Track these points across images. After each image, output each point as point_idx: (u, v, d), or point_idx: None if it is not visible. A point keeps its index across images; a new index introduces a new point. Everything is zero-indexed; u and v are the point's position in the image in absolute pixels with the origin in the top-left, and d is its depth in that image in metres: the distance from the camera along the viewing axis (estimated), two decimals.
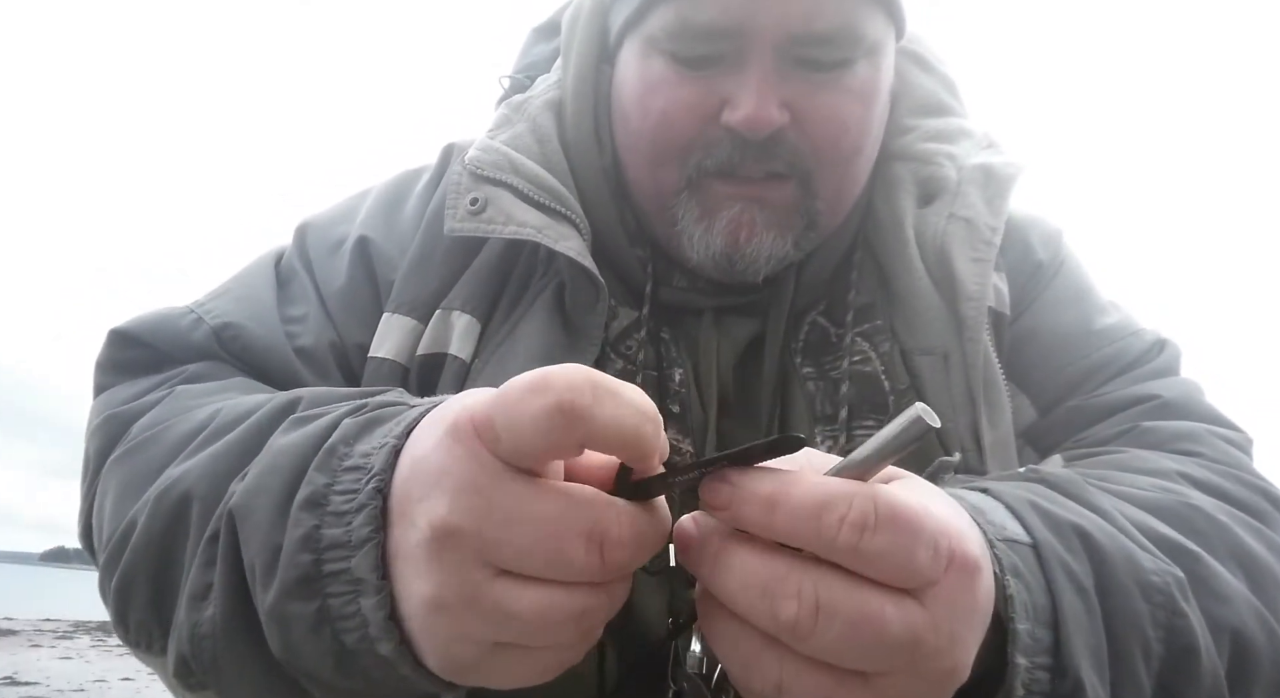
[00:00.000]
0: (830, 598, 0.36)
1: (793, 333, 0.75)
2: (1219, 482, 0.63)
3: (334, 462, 0.44)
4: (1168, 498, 0.58)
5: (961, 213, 0.74)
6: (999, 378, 0.72)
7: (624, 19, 0.74)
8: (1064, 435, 0.73)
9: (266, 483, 0.46)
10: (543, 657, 0.40)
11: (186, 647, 0.48)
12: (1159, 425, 0.69)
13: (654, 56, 0.71)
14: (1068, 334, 0.77)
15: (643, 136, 0.72)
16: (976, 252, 0.73)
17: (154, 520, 0.53)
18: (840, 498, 0.36)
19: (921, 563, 0.37)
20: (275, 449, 0.48)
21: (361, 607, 0.41)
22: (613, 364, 0.73)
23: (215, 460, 0.53)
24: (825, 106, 0.69)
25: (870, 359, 0.73)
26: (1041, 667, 0.44)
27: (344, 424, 0.47)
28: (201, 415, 0.60)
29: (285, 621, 0.43)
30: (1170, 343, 0.78)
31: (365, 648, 0.42)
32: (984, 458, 0.68)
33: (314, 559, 0.42)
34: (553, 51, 0.85)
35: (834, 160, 0.71)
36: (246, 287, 0.78)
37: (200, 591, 0.48)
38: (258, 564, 0.45)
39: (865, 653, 0.37)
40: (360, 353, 0.73)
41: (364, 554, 0.41)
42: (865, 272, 0.77)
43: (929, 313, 0.73)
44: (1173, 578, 0.49)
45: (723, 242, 0.70)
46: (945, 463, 0.59)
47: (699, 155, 0.70)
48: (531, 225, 0.71)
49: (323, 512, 0.43)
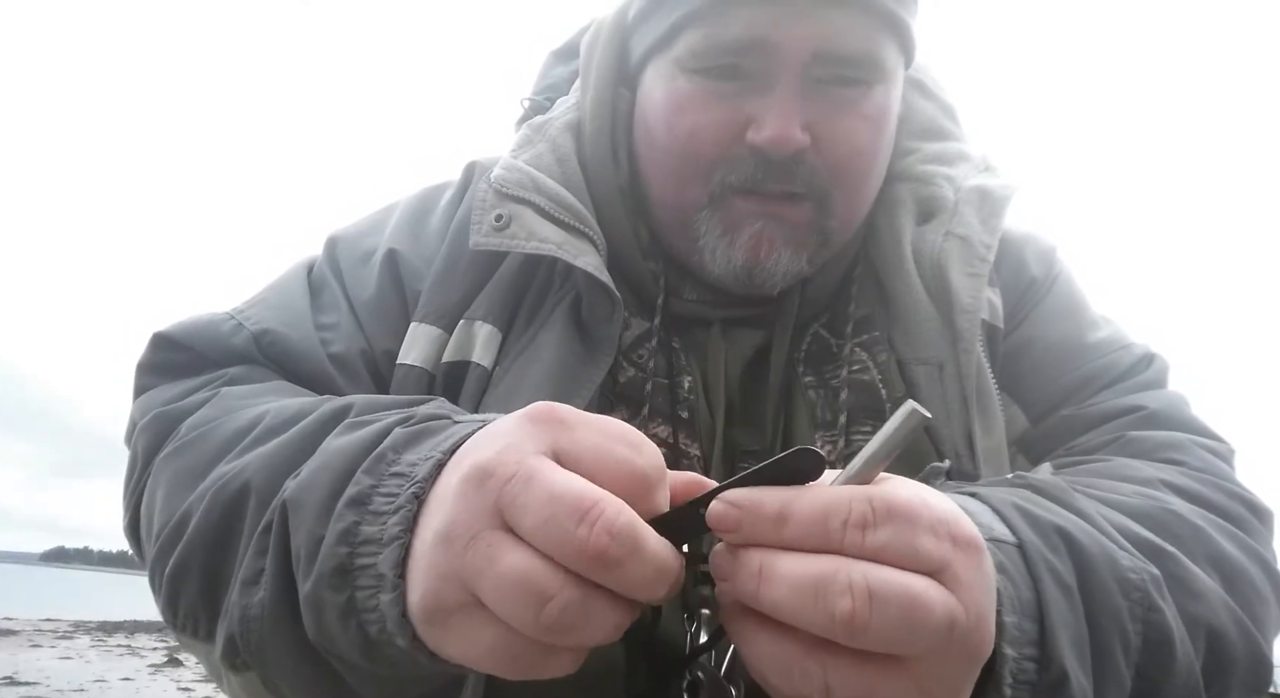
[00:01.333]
0: (881, 586, 0.39)
1: (796, 344, 0.78)
2: (1199, 489, 0.66)
3: (381, 467, 0.48)
4: (1148, 504, 0.62)
5: (958, 231, 0.78)
6: (991, 387, 0.75)
7: (650, 43, 0.77)
8: (1055, 444, 0.76)
9: (318, 479, 0.50)
10: (502, 635, 0.41)
11: (237, 628, 0.52)
12: (1145, 435, 0.73)
13: (681, 77, 0.74)
14: (1060, 347, 0.80)
15: (670, 154, 0.75)
16: (971, 267, 0.76)
17: (211, 512, 0.56)
18: (840, 503, 0.40)
19: (927, 547, 0.40)
20: (329, 450, 0.52)
21: (380, 602, 0.45)
22: (625, 371, 0.76)
23: (273, 457, 0.56)
24: (843, 130, 0.72)
25: (869, 368, 0.76)
26: (1028, 657, 0.46)
27: (395, 433, 0.51)
28: (250, 415, 0.64)
29: (320, 607, 0.47)
30: (1159, 357, 0.82)
31: (386, 640, 0.45)
32: (977, 463, 0.71)
33: (349, 552, 0.46)
34: (571, 73, 0.89)
35: (848, 182, 0.74)
36: (282, 295, 0.81)
37: (253, 576, 0.52)
38: (302, 553, 0.48)
39: (915, 636, 0.39)
40: (388, 359, 0.76)
41: (390, 551, 0.44)
42: (865, 286, 0.80)
43: (925, 325, 0.76)
44: (1149, 576, 0.52)
45: (744, 256, 0.73)
46: (936, 469, 0.62)
47: (723, 172, 0.73)
48: (552, 241, 0.74)
49: (364, 510, 0.47)
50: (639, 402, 0.74)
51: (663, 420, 0.74)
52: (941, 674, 0.41)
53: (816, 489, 0.41)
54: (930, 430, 0.72)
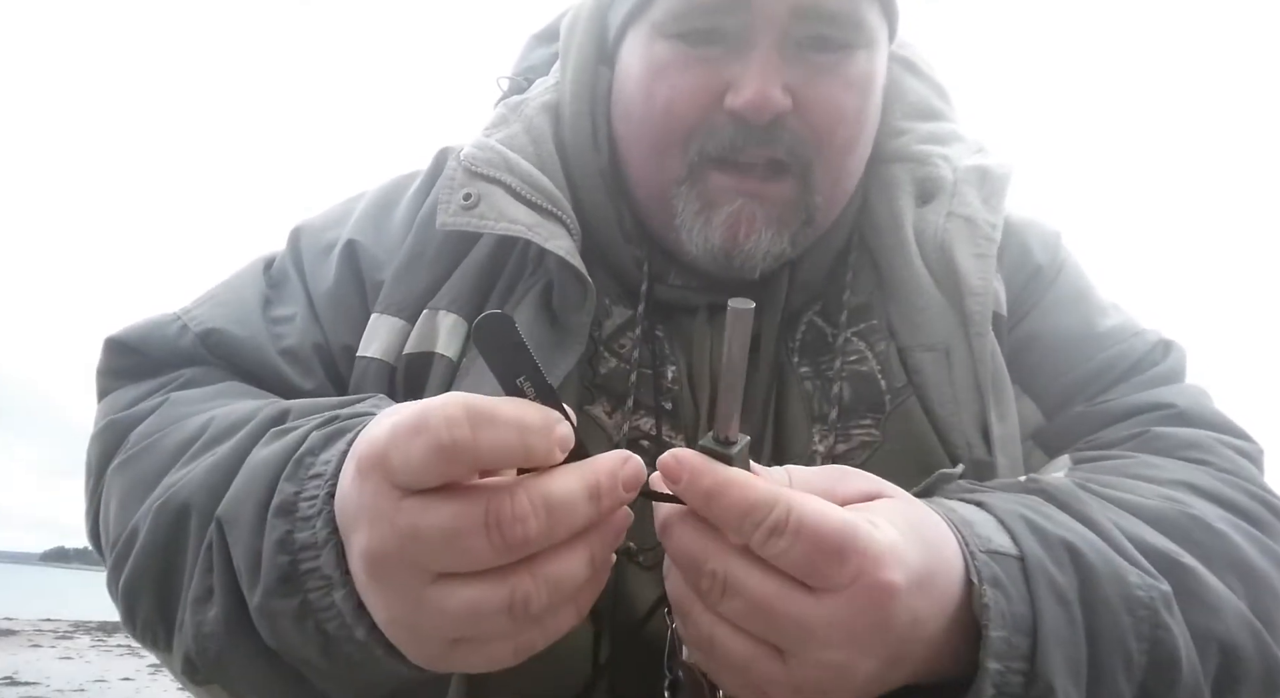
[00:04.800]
0: (736, 579, 0.44)
1: (789, 333, 0.76)
2: (1224, 491, 0.64)
3: (300, 471, 0.50)
4: (1169, 507, 0.60)
5: (960, 211, 0.75)
6: (1004, 373, 0.73)
7: (626, 11, 0.76)
8: (1073, 438, 0.74)
9: (246, 493, 0.51)
10: (497, 647, 0.44)
11: (192, 645, 0.52)
12: (1170, 432, 0.70)
13: (659, 42, 0.72)
14: (1071, 337, 0.78)
15: (646, 124, 0.73)
16: (978, 248, 0.73)
17: (156, 531, 0.56)
18: (763, 505, 0.43)
19: (819, 569, 0.43)
20: (254, 463, 0.53)
21: (335, 599, 0.47)
22: (606, 362, 0.73)
23: (210, 473, 0.56)
24: (825, 94, 0.70)
25: (867, 358, 0.74)
26: (1016, 671, 0.47)
27: (311, 437, 0.52)
28: (195, 424, 0.63)
29: (272, 616, 0.48)
30: (1175, 345, 0.79)
31: (345, 635, 0.47)
32: (993, 451, 0.69)
33: (290, 560, 0.47)
34: (551, 55, 0.86)
35: (832, 151, 0.72)
36: (232, 291, 0.80)
37: (203, 594, 0.52)
38: (243, 567, 0.50)
39: (765, 628, 0.44)
40: (347, 354, 0.74)
41: (326, 553, 0.46)
42: (861, 272, 0.78)
43: (930, 310, 0.73)
44: (1158, 592, 0.52)
45: (721, 237, 0.71)
46: (945, 474, 0.61)
47: (700, 141, 0.70)
48: (522, 222, 0.71)
49: (293, 517, 0.48)
50: (622, 394, 0.72)
51: (646, 412, 0.72)
52: (813, 677, 0.45)
53: (752, 483, 0.44)
54: (936, 420, 0.70)
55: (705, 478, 0.44)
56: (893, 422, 0.71)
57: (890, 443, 0.70)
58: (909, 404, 0.71)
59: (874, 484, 0.50)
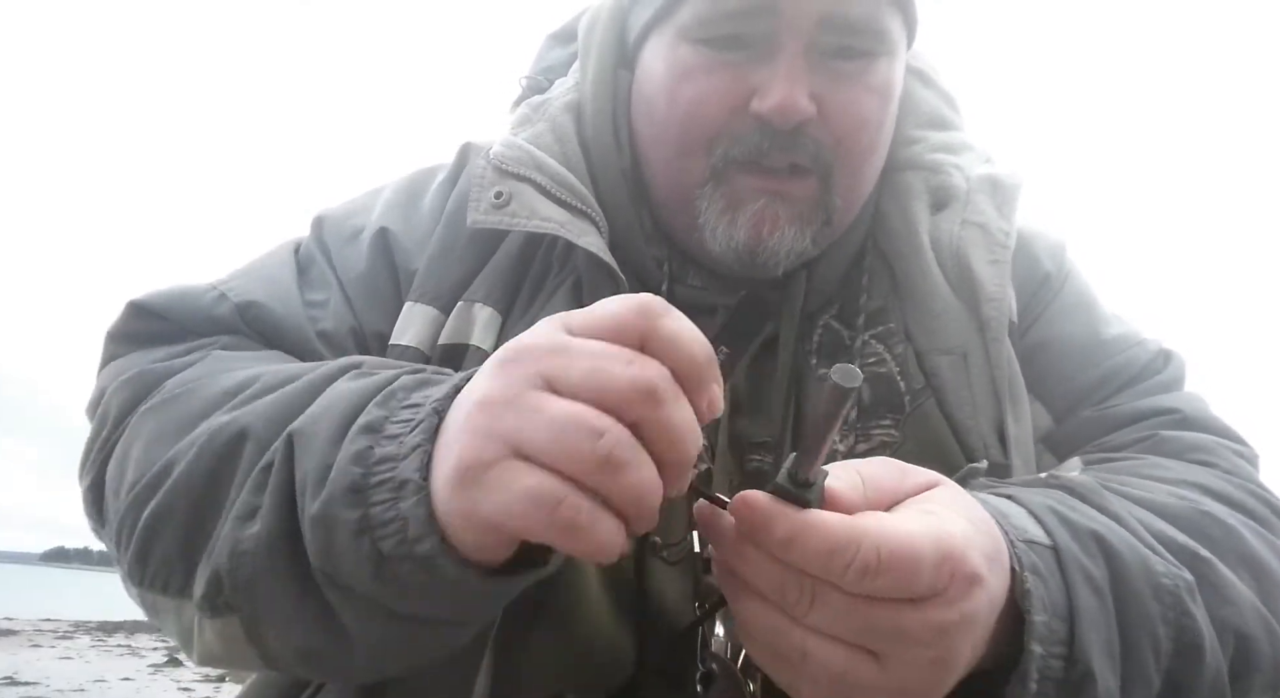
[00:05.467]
0: (826, 592, 0.44)
1: (806, 335, 0.77)
2: (1232, 491, 0.67)
3: (392, 402, 0.50)
4: (1182, 504, 0.62)
5: (974, 219, 0.77)
6: (1019, 377, 0.74)
7: (650, 15, 0.76)
8: (1082, 442, 0.76)
9: (327, 413, 0.51)
10: (548, 481, 0.41)
11: (225, 562, 0.51)
12: (1176, 436, 0.73)
13: (684, 46, 0.72)
14: (1078, 344, 0.80)
15: (670, 126, 0.74)
16: (993, 255, 0.75)
17: (201, 459, 0.55)
18: (847, 547, 0.43)
19: (921, 587, 0.43)
20: (337, 392, 0.53)
21: (401, 510, 0.45)
22: None
23: (275, 406, 0.56)
24: (848, 101, 0.71)
25: (885, 361, 0.75)
26: (1056, 655, 0.49)
27: (402, 378, 0.52)
28: (242, 376, 0.62)
29: (331, 525, 0.47)
30: (1175, 354, 0.82)
31: (403, 552, 0.45)
32: (1009, 453, 0.70)
33: (363, 472, 0.47)
34: (569, 56, 0.87)
35: (853, 156, 0.73)
36: (268, 269, 0.79)
37: (247, 512, 0.51)
38: (310, 478, 0.48)
39: (860, 633, 0.44)
40: (379, 341, 0.74)
41: (412, 458, 0.46)
42: (876, 276, 0.79)
43: (947, 314, 0.74)
44: (1183, 582, 0.54)
45: (745, 234, 0.72)
46: (974, 469, 0.64)
47: (725, 145, 0.71)
48: (555, 220, 0.72)
49: (378, 436, 0.48)
50: None
51: None
52: (909, 676, 0.45)
53: (827, 524, 0.43)
54: (954, 422, 0.71)
55: (780, 525, 0.44)
56: (911, 422, 0.72)
57: (909, 443, 0.71)
58: (927, 406, 0.72)
59: (930, 474, 0.51)
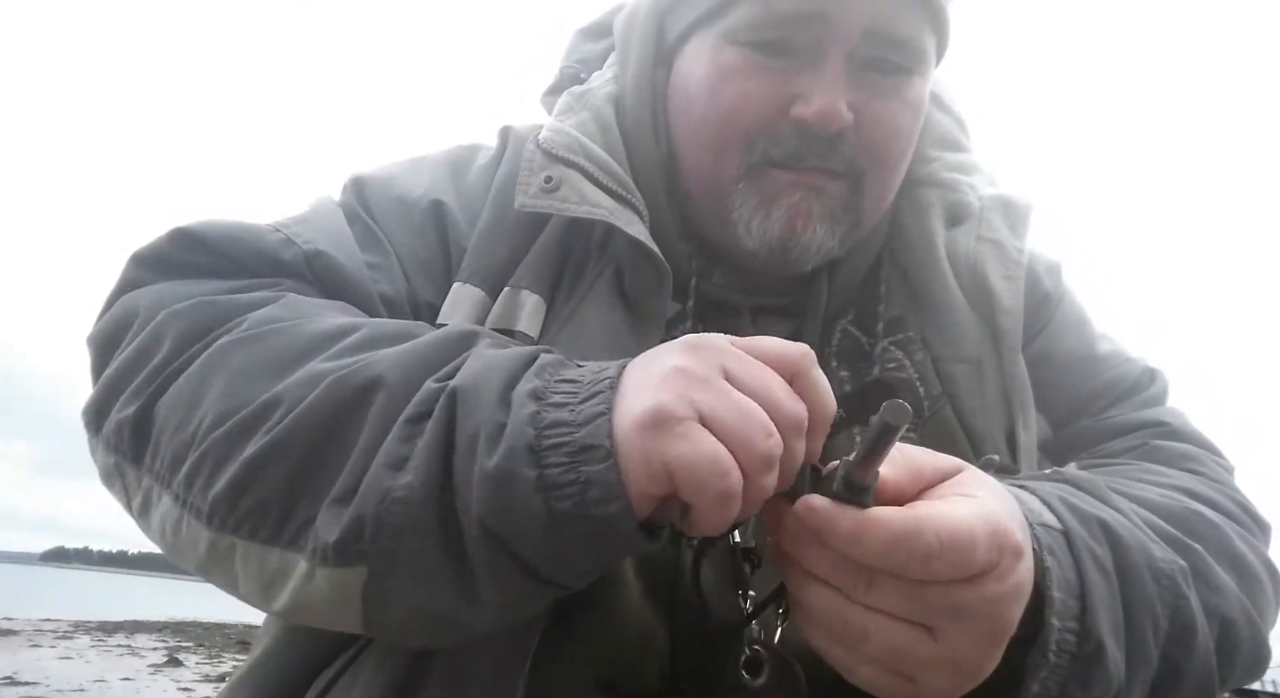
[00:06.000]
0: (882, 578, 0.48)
1: (826, 338, 0.79)
2: (1217, 496, 0.73)
3: (546, 373, 0.53)
4: (1174, 503, 0.68)
5: (989, 235, 0.81)
6: (1028, 387, 0.78)
7: (694, 17, 0.77)
8: (1079, 450, 0.82)
9: (488, 375, 0.53)
10: (723, 454, 0.47)
11: (372, 509, 0.50)
12: (1167, 445, 0.79)
13: (728, 49, 0.73)
14: (1075, 358, 0.85)
15: (709, 123, 0.75)
16: (1008, 270, 0.79)
17: (326, 400, 0.54)
18: (908, 537, 0.47)
19: (978, 566, 0.48)
20: (487, 356, 0.55)
21: (583, 474, 0.48)
22: None
23: (408, 357, 0.56)
24: (884, 112, 0.74)
25: (905, 367, 0.77)
26: (1070, 630, 0.53)
27: (542, 357, 0.55)
28: (339, 322, 0.61)
29: (509, 480, 0.48)
30: (1160, 372, 0.88)
31: (579, 513, 0.48)
32: (1018, 459, 0.74)
33: (536, 434, 0.49)
34: (604, 50, 0.88)
35: (883, 164, 0.75)
36: (324, 220, 0.76)
37: (397, 461, 0.51)
38: (481, 434, 0.50)
39: (918, 609, 0.48)
40: (429, 311, 0.74)
41: (596, 426, 0.49)
42: (894, 286, 0.82)
43: (963, 325, 0.78)
44: (1179, 567, 0.59)
45: (780, 228, 0.73)
46: (990, 460, 0.69)
47: (764, 145, 0.73)
48: (604, 207, 0.72)
49: (543, 402, 0.51)
50: None
51: None
52: (962, 645, 0.49)
53: (886, 519, 0.47)
54: (968, 427, 0.75)
55: (843, 523, 0.48)
56: (929, 428, 0.75)
57: (926, 447, 0.73)
58: (944, 412, 0.76)
59: (953, 459, 0.55)
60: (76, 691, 7.28)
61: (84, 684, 7.60)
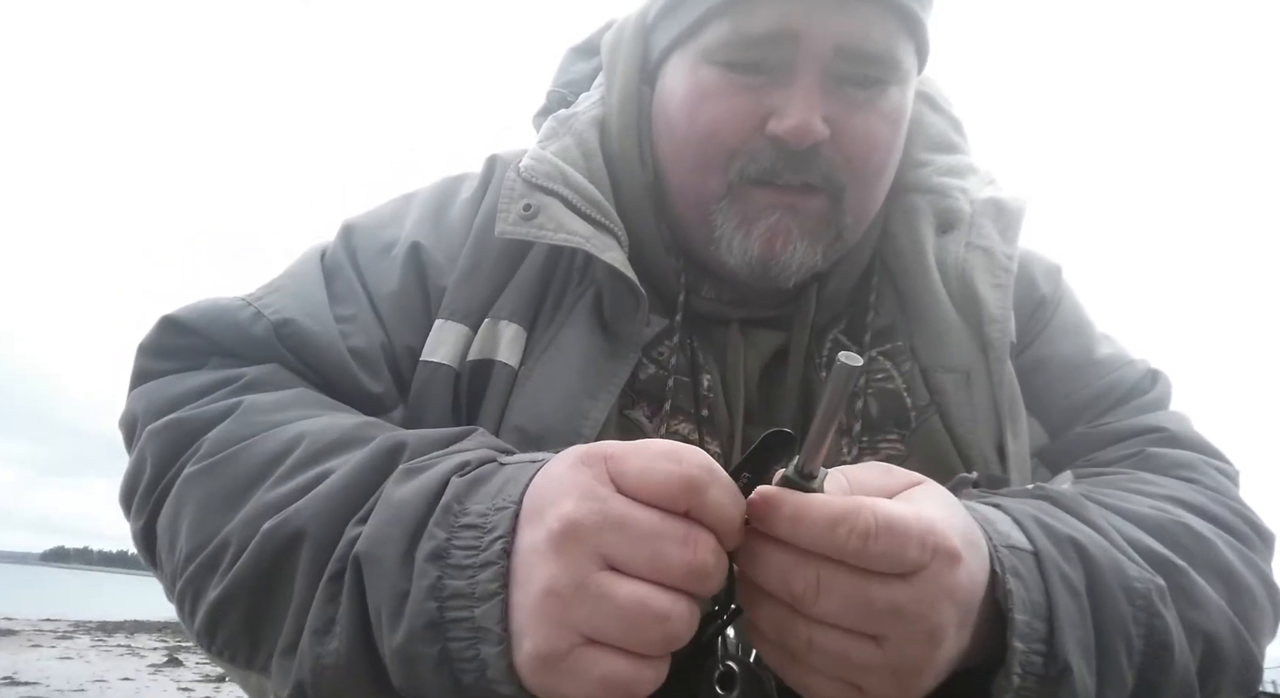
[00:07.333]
0: (829, 579, 0.48)
1: (815, 349, 0.79)
2: (1210, 506, 0.71)
3: (450, 519, 0.51)
4: (1161, 516, 0.67)
5: (979, 242, 0.81)
6: (1019, 395, 0.78)
7: (673, 36, 0.78)
8: (1075, 456, 0.81)
9: (389, 533, 0.52)
10: (621, 665, 0.46)
11: (309, 676, 0.53)
12: (1163, 452, 0.78)
13: (704, 68, 0.74)
14: (1072, 364, 0.85)
15: (689, 144, 0.76)
16: (996, 278, 0.79)
17: (261, 554, 0.56)
18: (848, 515, 0.47)
19: (911, 557, 0.47)
20: (394, 502, 0.54)
21: (481, 653, 0.48)
22: (646, 368, 0.76)
23: (327, 501, 0.56)
24: (861, 125, 0.74)
25: (893, 377, 0.78)
26: (1036, 652, 0.52)
27: (453, 483, 0.54)
28: (284, 436, 0.63)
29: (412, 660, 0.49)
30: (1162, 374, 0.87)
31: (482, 687, 0.49)
32: (1008, 468, 0.74)
33: (438, 607, 0.49)
34: (592, 70, 0.89)
35: (864, 177, 0.75)
36: (300, 283, 0.79)
37: (323, 625, 0.53)
38: (384, 609, 0.51)
39: (861, 618, 0.48)
40: (409, 355, 0.76)
41: (491, 606, 0.48)
42: (884, 295, 0.82)
43: (952, 334, 0.77)
44: (1154, 586, 0.58)
45: (760, 247, 0.74)
46: (964, 479, 0.69)
47: (742, 162, 0.73)
48: (580, 234, 0.74)
49: (444, 564, 0.50)
50: (659, 398, 0.75)
51: (684, 418, 0.75)
52: (906, 653, 0.49)
53: (827, 499, 0.48)
54: (956, 437, 0.75)
55: (787, 504, 0.48)
56: (917, 437, 0.75)
57: (914, 457, 0.75)
58: (932, 422, 0.76)
59: (913, 475, 0.56)
60: (76, 691, 7.28)
61: (84, 684, 7.59)
